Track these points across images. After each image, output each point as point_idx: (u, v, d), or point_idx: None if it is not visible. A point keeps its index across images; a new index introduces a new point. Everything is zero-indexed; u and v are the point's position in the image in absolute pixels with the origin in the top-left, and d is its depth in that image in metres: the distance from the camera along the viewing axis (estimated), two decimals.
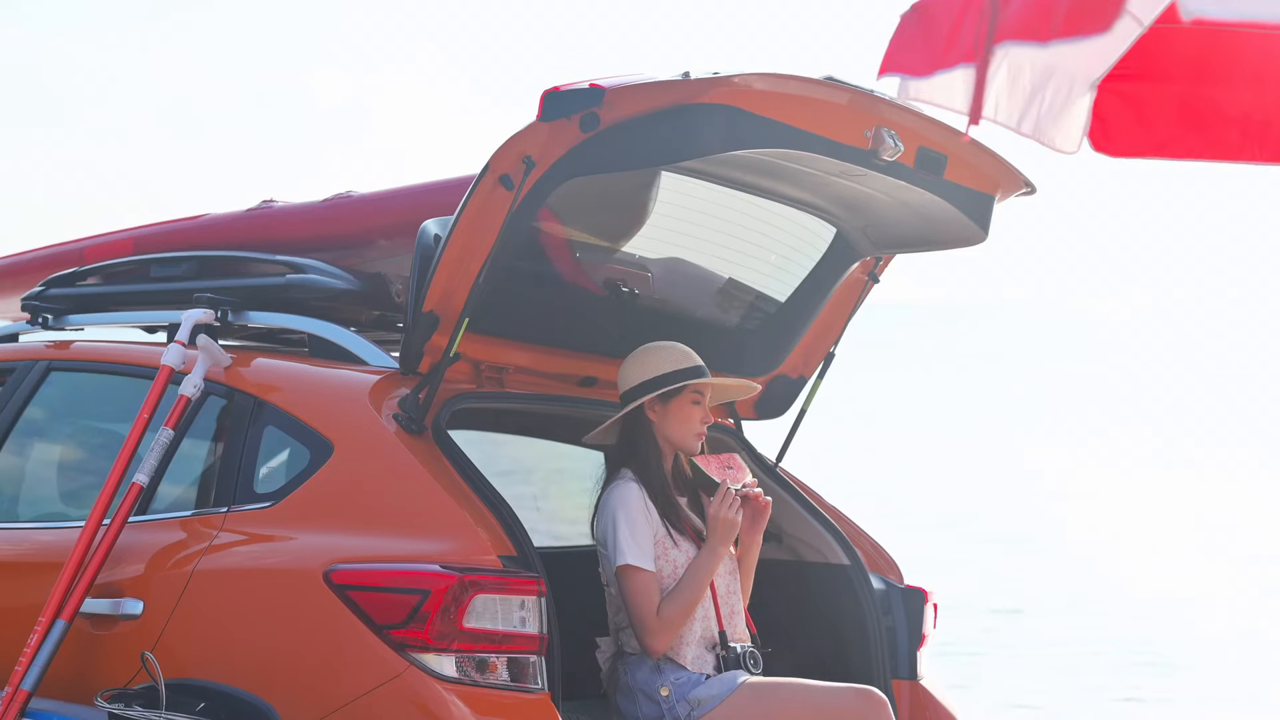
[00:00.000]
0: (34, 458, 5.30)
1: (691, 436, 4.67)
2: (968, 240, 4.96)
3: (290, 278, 4.86)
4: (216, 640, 4.29)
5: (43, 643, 4.39)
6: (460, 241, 4.35)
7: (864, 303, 5.35)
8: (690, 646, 4.56)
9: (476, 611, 4.03)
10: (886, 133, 4.45)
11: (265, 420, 4.54)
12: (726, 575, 4.69)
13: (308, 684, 4.13)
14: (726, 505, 4.55)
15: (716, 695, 4.46)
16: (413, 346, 4.46)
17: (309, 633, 4.15)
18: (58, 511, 5.22)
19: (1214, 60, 4.15)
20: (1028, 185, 4.85)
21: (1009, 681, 12.30)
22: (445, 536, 4.13)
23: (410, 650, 4.01)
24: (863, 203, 4.88)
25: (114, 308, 5.22)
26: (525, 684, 4.08)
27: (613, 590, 4.62)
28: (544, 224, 4.66)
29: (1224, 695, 12.00)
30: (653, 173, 4.68)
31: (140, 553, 4.50)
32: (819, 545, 5.13)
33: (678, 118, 4.21)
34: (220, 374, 4.67)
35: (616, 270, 4.98)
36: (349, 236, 5.21)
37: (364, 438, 4.36)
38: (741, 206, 4.92)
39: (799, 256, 5.18)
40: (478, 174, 4.30)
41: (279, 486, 4.42)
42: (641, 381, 4.64)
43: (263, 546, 4.32)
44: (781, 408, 5.47)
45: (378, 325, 5.19)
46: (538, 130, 4.23)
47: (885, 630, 5.01)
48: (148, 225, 5.58)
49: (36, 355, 5.20)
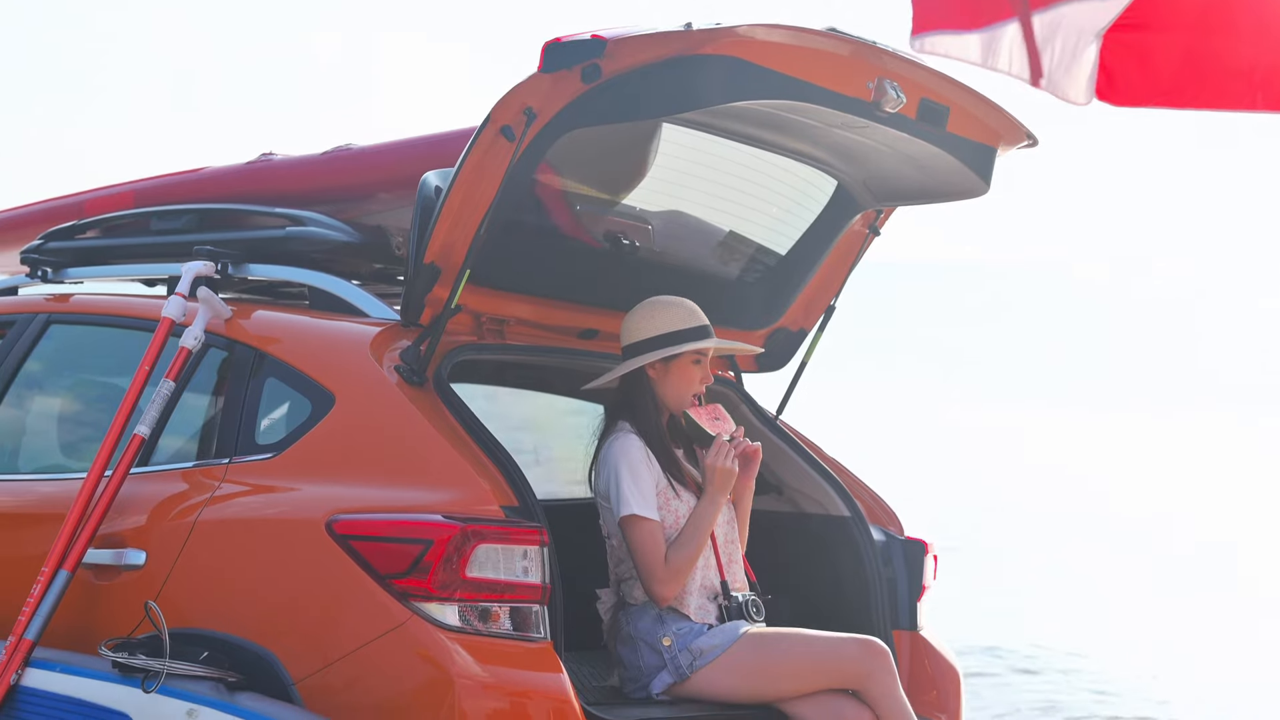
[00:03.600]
0: (34, 410, 5.30)
1: (689, 396, 4.69)
2: (969, 192, 4.96)
3: (290, 230, 4.86)
4: (219, 590, 4.30)
5: (46, 593, 4.40)
6: (461, 193, 4.34)
7: (864, 255, 5.36)
8: (693, 596, 4.58)
9: (479, 561, 4.04)
10: (889, 84, 4.44)
11: (266, 372, 4.54)
12: (725, 525, 4.71)
13: (310, 633, 4.14)
14: (723, 455, 4.57)
15: (719, 645, 4.47)
16: (414, 298, 4.46)
17: (311, 583, 4.16)
18: (59, 463, 5.22)
19: (1218, 10, 4.15)
20: (1030, 137, 4.84)
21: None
22: (447, 487, 4.13)
23: (413, 600, 4.02)
24: (864, 155, 4.88)
25: (114, 261, 5.22)
26: (528, 633, 4.09)
27: (614, 542, 4.63)
28: (545, 176, 4.65)
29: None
30: (654, 124, 4.67)
31: (142, 504, 4.50)
32: (819, 497, 5.15)
33: (679, 69, 4.20)
34: (221, 326, 4.67)
35: (617, 222, 4.98)
36: (349, 189, 5.20)
37: (365, 389, 4.37)
38: (743, 159, 4.91)
39: (800, 209, 5.18)
40: (479, 125, 4.29)
41: (280, 438, 4.42)
42: (646, 338, 4.64)
43: (265, 497, 4.33)
44: (782, 360, 5.48)
45: (378, 278, 5.18)
46: (539, 81, 4.22)
47: (885, 581, 5.02)
48: (147, 178, 5.57)
49: (36, 308, 5.20)
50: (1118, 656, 12.11)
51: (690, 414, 4.69)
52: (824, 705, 4.43)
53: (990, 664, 11.48)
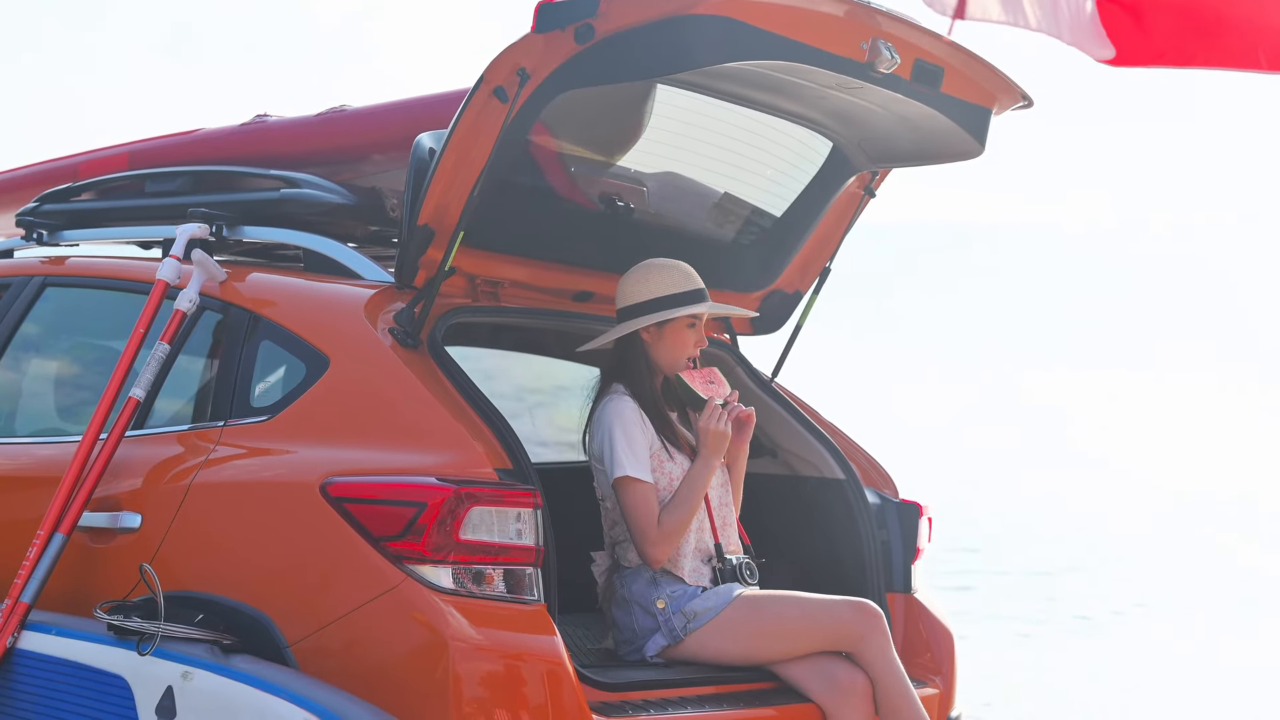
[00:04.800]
0: (30, 373, 5.30)
1: (683, 359, 4.69)
2: (965, 154, 4.94)
3: (285, 192, 4.84)
4: (214, 553, 4.30)
5: (41, 556, 4.41)
6: (455, 155, 4.33)
7: (860, 217, 5.35)
8: (687, 559, 4.59)
9: (473, 523, 4.04)
10: (883, 44, 4.43)
11: (261, 334, 4.53)
12: (719, 488, 4.71)
13: (304, 596, 4.14)
14: (715, 419, 4.57)
15: (713, 608, 4.48)
16: (408, 260, 4.45)
17: (306, 545, 4.16)
18: (55, 426, 5.22)
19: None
20: (1025, 98, 4.83)
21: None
22: (441, 449, 4.13)
23: (407, 562, 4.02)
24: (859, 116, 4.86)
25: (108, 223, 5.20)
26: (522, 595, 4.09)
27: (608, 504, 4.64)
28: (539, 137, 4.64)
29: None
30: (648, 85, 4.66)
31: (138, 466, 4.51)
32: (814, 460, 5.15)
33: (673, 29, 4.18)
34: (215, 289, 4.67)
35: (612, 184, 4.97)
36: (344, 151, 5.19)
37: (360, 351, 4.36)
38: (738, 120, 4.89)
39: (795, 171, 5.16)
40: (472, 86, 4.27)
41: (275, 400, 4.42)
42: (641, 301, 4.64)
43: (259, 460, 4.33)
44: (777, 323, 5.47)
45: (373, 240, 5.18)
46: (532, 42, 4.21)
47: (880, 544, 5.03)
48: (142, 140, 5.56)
49: (31, 271, 5.19)
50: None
51: (683, 377, 4.69)
52: (817, 667, 4.44)
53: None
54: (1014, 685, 9.69)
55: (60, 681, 4.30)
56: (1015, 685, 9.69)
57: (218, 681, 4.05)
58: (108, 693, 4.21)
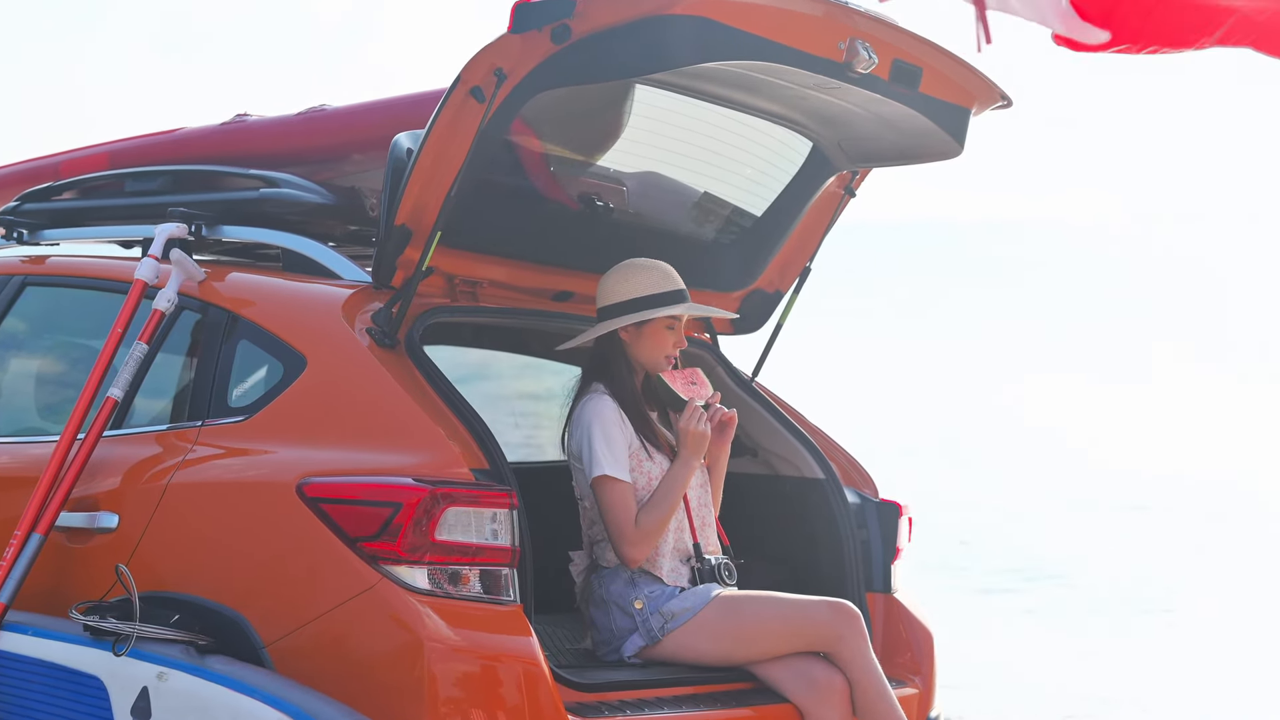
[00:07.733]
0: (8, 372, 5.30)
1: (662, 359, 4.69)
2: (944, 154, 4.94)
3: (264, 192, 4.84)
4: (191, 553, 4.30)
5: (18, 556, 4.40)
6: (432, 155, 4.33)
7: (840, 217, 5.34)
8: (665, 559, 4.58)
9: (448, 524, 4.04)
10: (860, 44, 4.42)
11: (239, 334, 4.53)
12: (698, 488, 4.71)
13: (281, 596, 4.14)
14: (695, 419, 4.58)
15: (690, 608, 4.48)
16: (385, 260, 4.45)
17: (282, 545, 4.15)
18: (32, 426, 5.21)
19: None
20: (1004, 98, 4.83)
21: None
22: (417, 449, 4.13)
23: (383, 562, 4.02)
24: (838, 116, 4.86)
25: (88, 222, 5.20)
26: (498, 596, 4.09)
27: (587, 504, 4.64)
28: (517, 137, 4.63)
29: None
30: (626, 85, 4.65)
31: (115, 467, 4.50)
32: (794, 459, 5.15)
33: (650, 29, 4.17)
34: (194, 288, 4.66)
35: (591, 184, 4.96)
36: (323, 150, 5.18)
37: (337, 351, 4.36)
38: (717, 120, 4.89)
39: (775, 170, 5.16)
40: (449, 86, 4.27)
41: (253, 400, 4.42)
42: (620, 301, 4.64)
43: (237, 460, 4.32)
44: (758, 323, 5.47)
45: (352, 240, 5.17)
46: (509, 42, 4.20)
47: (860, 544, 5.02)
48: (123, 139, 5.56)
49: (11, 270, 5.19)
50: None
51: (664, 378, 4.68)
52: (795, 667, 4.44)
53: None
54: (1014, 686, 9.69)
55: (35, 682, 4.29)
56: (1016, 686, 9.69)
57: (193, 682, 4.05)
58: (83, 693, 4.21)
